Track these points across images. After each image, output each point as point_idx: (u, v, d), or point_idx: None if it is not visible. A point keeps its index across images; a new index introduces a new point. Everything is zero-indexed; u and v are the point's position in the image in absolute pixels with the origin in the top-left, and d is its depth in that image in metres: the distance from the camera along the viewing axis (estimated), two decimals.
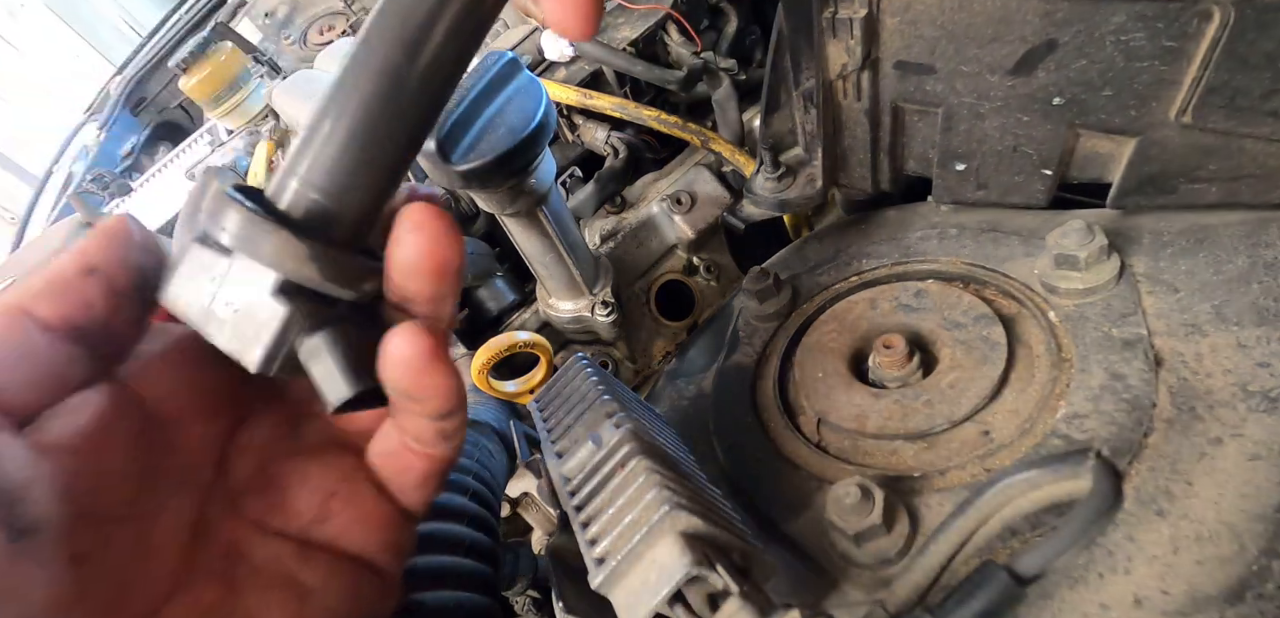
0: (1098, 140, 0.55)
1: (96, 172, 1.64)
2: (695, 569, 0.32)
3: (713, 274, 0.91)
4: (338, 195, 0.29)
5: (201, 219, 0.28)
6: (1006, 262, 0.58)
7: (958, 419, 0.48)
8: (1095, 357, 0.47)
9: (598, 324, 0.83)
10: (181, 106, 1.98)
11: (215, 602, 0.29)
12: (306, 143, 0.29)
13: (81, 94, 2.59)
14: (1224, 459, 0.40)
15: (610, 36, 0.93)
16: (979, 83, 0.55)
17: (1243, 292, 0.46)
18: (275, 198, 0.29)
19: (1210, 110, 0.47)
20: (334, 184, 0.29)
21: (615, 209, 0.94)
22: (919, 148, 0.65)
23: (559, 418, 0.45)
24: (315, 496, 0.33)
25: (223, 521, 0.31)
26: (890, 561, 0.42)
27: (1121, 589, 0.37)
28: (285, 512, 0.32)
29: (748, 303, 0.67)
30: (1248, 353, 0.43)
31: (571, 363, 0.48)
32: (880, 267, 0.64)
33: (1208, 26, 0.44)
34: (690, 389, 0.66)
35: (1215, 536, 0.37)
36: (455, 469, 0.51)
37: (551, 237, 0.75)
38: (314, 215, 0.29)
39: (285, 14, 1.77)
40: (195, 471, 0.31)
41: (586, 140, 1.00)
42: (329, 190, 0.29)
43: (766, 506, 0.50)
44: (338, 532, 0.33)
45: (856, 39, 0.56)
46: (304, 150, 0.29)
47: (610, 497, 0.36)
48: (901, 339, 0.53)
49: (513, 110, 0.64)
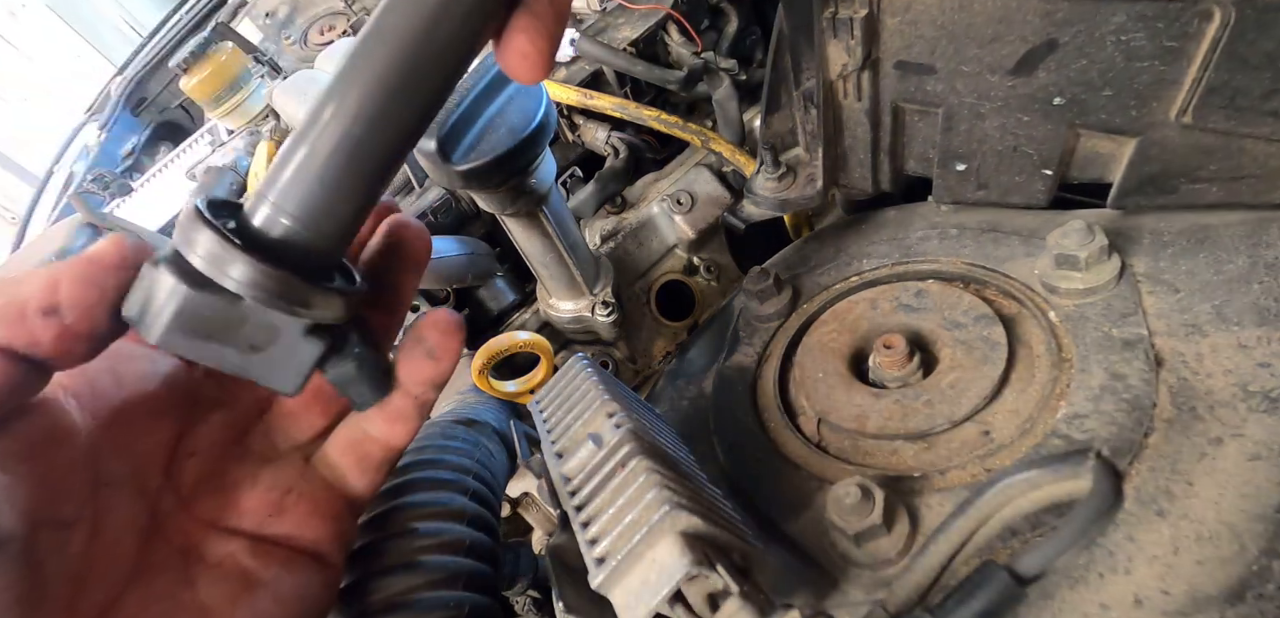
0: (1098, 140, 0.55)
1: (97, 172, 1.64)
2: (695, 569, 0.32)
3: (713, 274, 0.91)
4: (312, 223, 0.30)
5: (176, 235, 0.29)
6: (1007, 262, 0.58)
7: (958, 419, 0.48)
8: (1095, 357, 0.47)
9: (598, 324, 0.83)
10: (182, 107, 1.98)
11: (169, 594, 0.31)
12: (280, 166, 0.30)
13: (82, 94, 2.59)
14: (1224, 459, 0.40)
15: (610, 36, 0.93)
16: (979, 83, 0.55)
17: (1243, 292, 0.46)
18: (250, 217, 0.31)
19: (1211, 110, 0.47)
20: (307, 212, 0.30)
21: (615, 209, 0.94)
22: (919, 148, 0.65)
23: (559, 418, 0.45)
24: (270, 493, 0.35)
25: (176, 520, 0.33)
26: (890, 561, 0.42)
27: (1122, 589, 0.37)
28: (237, 510, 0.35)
29: (748, 303, 0.67)
30: (1248, 353, 0.43)
31: (571, 363, 0.48)
32: (881, 267, 0.64)
33: (1208, 26, 0.44)
34: (690, 389, 0.66)
35: (1215, 536, 0.37)
36: (455, 469, 0.51)
37: (552, 237, 0.75)
38: (287, 241, 0.30)
39: (286, 14, 1.77)
40: (143, 475, 0.32)
41: (587, 140, 1.00)
42: (301, 218, 0.30)
43: (766, 506, 0.50)
44: (292, 527, 0.35)
45: (857, 39, 0.56)
46: (277, 174, 0.30)
47: (610, 497, 0.36)
48: (902, 339, 0.53)
49: (513, 110, 0.64)
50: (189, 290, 0.29)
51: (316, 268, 0.32)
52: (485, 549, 0.48)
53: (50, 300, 0.27)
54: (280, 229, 0.30)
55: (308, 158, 0.30)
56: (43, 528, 0.27)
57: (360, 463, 0.38)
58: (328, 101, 0.30)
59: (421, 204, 0.91)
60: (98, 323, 0.28)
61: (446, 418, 0.63)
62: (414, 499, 0.46)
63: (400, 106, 0.30)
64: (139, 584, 0.31)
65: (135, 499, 0.32)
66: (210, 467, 0.35)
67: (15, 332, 0.26)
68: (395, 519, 0.45)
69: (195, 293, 0.29)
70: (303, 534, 0.35)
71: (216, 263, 0.29)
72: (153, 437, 0.33)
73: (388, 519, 0.45)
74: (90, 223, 1.14)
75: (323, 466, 0.38)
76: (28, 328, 0.26)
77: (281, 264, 0.30)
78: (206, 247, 0.29)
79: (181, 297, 0.28)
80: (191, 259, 0.29)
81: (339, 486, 0.37)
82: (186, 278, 0.29)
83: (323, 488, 0.37)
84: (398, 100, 0.30)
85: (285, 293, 0.30)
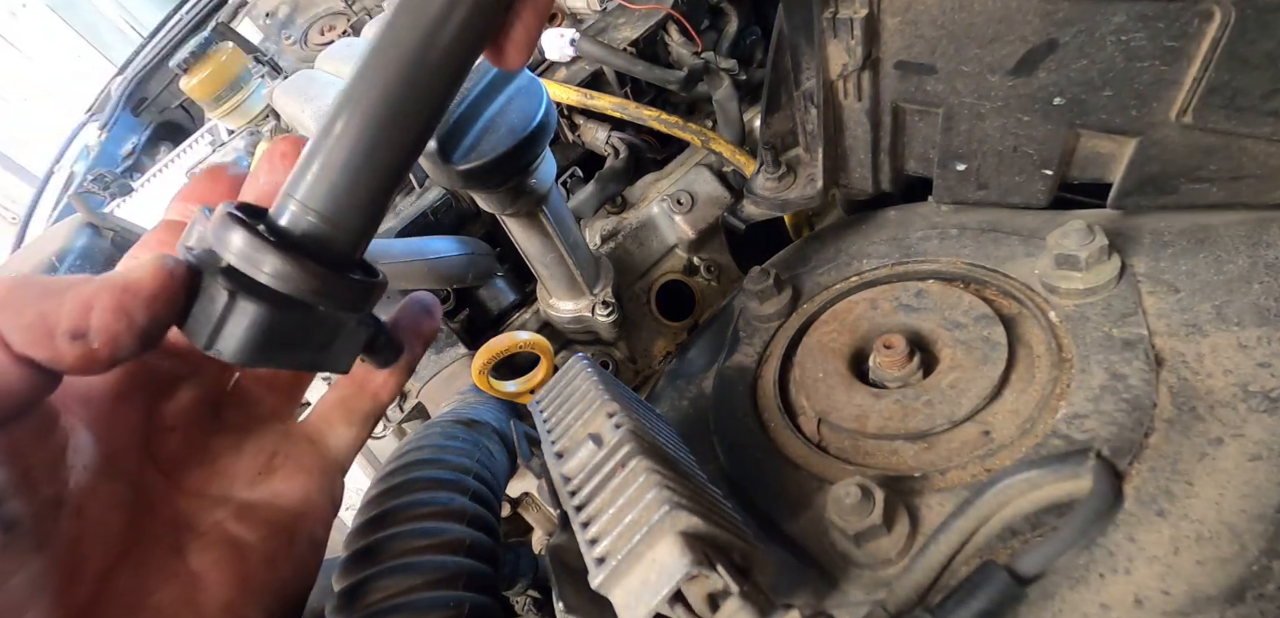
0: (1098, 140, 0.55)
1: (97, 171, 1.64)
2: (695, 569, 0.32)
3: (713, 274, 0.91)
4: (341, 220, 0.32)
5: (208, 237, 0.30)
6: (1007, 262, 0.58)
7: (958, 419, 0.48)
8: (1096, 357, 0.47)
9: (598, 324, 0.83)
10: (182, 107, 1.99)
11: (161, 564, 0.32)
12: (306, 164, 0.32)
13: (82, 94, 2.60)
14: (1225, 459, 0.40)
15: (611, 36, 0.93)
16: (979, 83, 0.55)
17: (1243, 292, 0.46)
18: (277, 218, 0.32)
19: (1211, 110, 0.47)
20: (335, 210, 0.32)
21: (616, 209, 0.94)
22: (919, 148, 0.65)
23: (559, 418, 0.45)
24: (256, 458, 0.37)
25: (163, 494, 0.35)
26: (890, 561, 0.42)
27: (1122, 590, 0.37)
28: (223, 478, 0.36)
29: (748, 303, 0.67)
30: (1248, 353, 0.43)
31: (572, 363, 0.48)
32: (881, 267, 0.64)
33: (1208, 26, 0.44)
34: (690, 389, 0.66)
35: (1216, 536, 0.37)
36: (455, 469, 0.51)
37: (552, 237, 0.75)
38: (320, 239, 0.32)
39: (286, 14, 1.77)
40: (118, 456, 0.33)
41: (587, 140, 1.00)
42: (330, 216, 0.32)
43: (766, 506, 0.50)
44: (278, 490, 0.37)
45: (857, 39, 0.56)
46: (303, 171, 0.32)
47: (610, 497, 0.36)
48: (902, 339, 0.53)
49: (513, 110, 0.64)
50: (267, 310, 0.30)
51: (359, 258, 0.35)
52: (485, 549, 0.48)
53: (81, 325, 0.28)
54: (312, 228, 0.31)
55: (333, 156, 0.31)
56: (44, 511, 0.29)
57: (346, 417, 0.41)
58: (346, 102, 0.31)
59: (421, 204, 0.91)
60: (121, 350, 0.29)
61: (447, 418, 0.62)
62: (414, 499, 0.46)
63: (415, 101, 0.32)
64: (131, 558, 0.32)
65: (114, 479, 0.33)
66: (192, 440, 0.36)
67: (41, 348, 0.27)
68: (395, 518, 0.45)
69: (274, 312, 0.30)
70: (290, 493, 0.37)
71: (288, 280, 0.30)
72: (122, 419, 0.34)
73: (388, 519, 0.45)
74: (90, 223, 1.14)
75: (307, 426, 0.40)
76: (54, 346, 0.27)
77: (332, 266, 0.31)
78: (274, 265, 0.29)
79: (260, 317, 0.29)
80: (258, 276, 0.29)
81: (322, 444, 0.40)
82: (259, 297, 0.29)
83: (307, 447, 0.39)
84: (413, 96, 0.32)
85: (353, 297, 0.33)
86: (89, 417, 0.32)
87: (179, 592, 0.32)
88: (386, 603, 0.41)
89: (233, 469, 0.37)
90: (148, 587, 0.32)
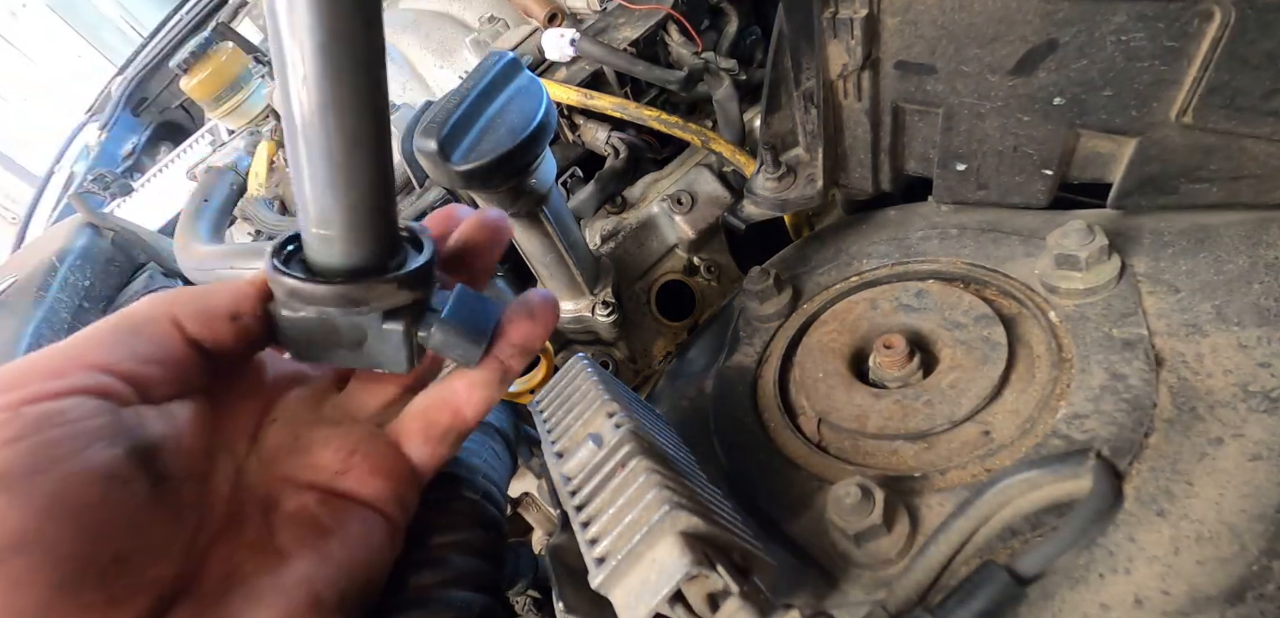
0: (1098, 140, 0.55)
1: (98, 171, 1.64)
2: (695, 569, 0.32)
3: (713, 274, 0.91)
4: (336, 224, 0.33)
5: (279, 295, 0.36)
6: (1007, 262, 0.58)
7: (958, 419, 0.48)
8: (1096, 357, 0.47)
9: (598, 324, 0.83)
10: (183, 107, 1.99)
11: (254, 540, 0.37)
12: (297, 188, 0.34)
13: (83, 94, 2.60)
14: (1225, 460, 0.40)
15: (611, 36, 0.93)
16: (980, 83, 0.55)
17: (1243, 292, 0.46)
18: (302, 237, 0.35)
19: (1211, 110, 0.47)
20: (327, 218, 0.33)
21: (616, 209, 0.94)
22: (919, 148, 0.65)
23: (559, 418, 0.45)
24: (339, 453, 0.40)
25: (259, 476, 0.39)
26: (890, 561, 0.42)
27: (1122, 590, 0.37)
28: (312, 467, 0.40)
29: (748, 303, 0.67)
30: (1248, 353, 0.43)
31: (572, 363, 0.48)
32: (881, 267, 0.64)
33: (1208, 26, 0.44)
34: (690, 389, 0.66)
35: (1216, 536, 0.37)
36: (467, 469, 0.51)
37: (552, 237, 0.75)
38: (336, 249, 0.34)
39: None
40: (234, 442, 0.40)
41: (587, 140, 1.00)
42: (329, 225, 0.33)
43: (766, 506, 0.50)
44: (356, 482, 0.40)
45: (857, 39, 0.56)
46: (298, 195, 0.34)
47: (610, 497, 0.36)
48: (902, 339, 0.53)
49: (513, 111, 0.64)
50: (283, 319, 0.36)
51: (373, 261, 0.35)
52: (495, 550, 0.48)
53: (236, 309, 0.37)
54: (322, 241, 0.34)
55: (307, 170, 0.32)
56: (187, 479, 0.34)
57: (424, 431, 0.42)
58: (294, 121, 0.31)
59: (421, 204, 0.91)
60: (259, 333, 0.37)
61: None
62: (431, 497, 0.46)
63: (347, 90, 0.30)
64: (229, 531, 0.36)
65: (227, 461, 0.38)
66: (290, 431, 0.41)
67: (207, 328, 0.36)
68: (419, 516, 0.45)
69: (291, 318, 0.36)
70: (364, 490, 0.40)
71: (290, 297, 0.35)
72: (245, 413, 0.40)
73: None
74: (90, 223, 1.14)
75: (390, 432, 0.42)
76: (218, 327, 0.36)
77: (333, 277, 0.34)
78: (282, 287, 0.35)
79: (283, 324, 0.36)
80: (275, 290, 0.36)
81: (401, 450, 0.42)
82: (280, 307, 0.36)
83: (386, 451, 0.41)
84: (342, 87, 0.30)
85: (338, 300, 0.35)
86: (220, 410, 0.39)
87: (264, 564, 0.36)
88: (413, 596, 0.41)
89: (319, 460, 0.40)
90: (239, 557, 0.35)
